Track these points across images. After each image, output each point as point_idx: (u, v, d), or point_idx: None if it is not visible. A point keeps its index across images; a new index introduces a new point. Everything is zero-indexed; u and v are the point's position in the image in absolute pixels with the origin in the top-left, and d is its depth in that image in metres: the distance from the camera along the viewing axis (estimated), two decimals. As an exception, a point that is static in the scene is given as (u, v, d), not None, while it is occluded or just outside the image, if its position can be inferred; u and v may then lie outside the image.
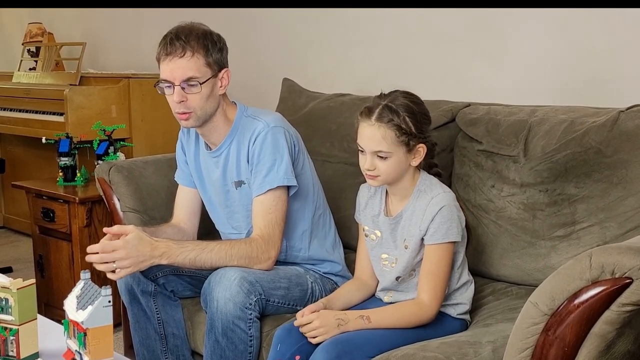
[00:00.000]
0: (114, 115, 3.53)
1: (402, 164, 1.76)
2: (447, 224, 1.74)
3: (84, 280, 1.55)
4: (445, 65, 2.81)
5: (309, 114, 2.69)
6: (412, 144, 1.74)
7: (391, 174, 1.77)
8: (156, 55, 1.96)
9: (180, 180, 2.20)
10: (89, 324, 1.45)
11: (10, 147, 4.41)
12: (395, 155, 1.74)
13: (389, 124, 1.73)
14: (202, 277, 2.09)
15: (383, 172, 1.76)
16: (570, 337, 1.31)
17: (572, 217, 1.98)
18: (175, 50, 1.90)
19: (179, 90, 1.92)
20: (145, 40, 4.12)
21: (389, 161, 1.75)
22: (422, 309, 1.74)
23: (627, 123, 1.95)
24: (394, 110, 1.73)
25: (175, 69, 1.91)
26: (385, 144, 1.73)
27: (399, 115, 1.73)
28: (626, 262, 1.26)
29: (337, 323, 1.71)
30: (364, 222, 1.93)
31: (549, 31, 2.51)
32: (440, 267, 1.75)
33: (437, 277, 1.75)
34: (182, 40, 1.90)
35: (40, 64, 4.20)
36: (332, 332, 1.70)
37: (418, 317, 1.74)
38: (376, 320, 1.73)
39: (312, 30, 3.24)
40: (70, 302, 1.53)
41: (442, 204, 1.75)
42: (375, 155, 1.75)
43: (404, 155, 1.75)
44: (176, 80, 1.91)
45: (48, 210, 3.01)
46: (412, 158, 1.77)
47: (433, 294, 1.74)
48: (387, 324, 1.73)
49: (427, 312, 1.74)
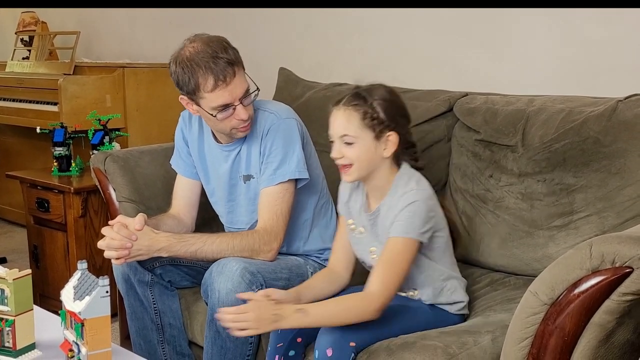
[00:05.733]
0: (108, 105, 3.51)
1: (372, 152, 1.68)
2: (410, 219, 1.64)
3: (81, 270, 1.54)
4: (442, 55, 2.80)
5: (305, 103, 2.68)
6: (379, 129, 1.67)
7: (363, 163, 1.69)
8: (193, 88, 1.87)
9: (180, 170, 2.19)
10: (87, 314, 1.45)
11: (4, 137, 4.38)
12: (361, 140, 1.67)
13: (354, 107, 1.67)
14: (199, 268, 2.09)
15: (354, 160, 1.68)
16: (570, 326, 1.31)
17: (571, 206, 1.98)
18: (229, 73, 1.86)
19: (241, 107, 1.90)
20: (140, 29, 4.10)
21: (356, 147, 1.67)
22: (366, 299, 1.62)
23: (626, 112, 1.95)
24: (362, 96, 1.69)
25: (234, 89, 1.88)
26: (351, 127, 1.66)
27: (366, 100, 1.68)
28: (626, 252, 1.26)
29: (273, 319, 1.58)
30: (348, 215, 1.86)
31: (547, 21, 2.50)
32: (396, 260, 1.63)
33: (391, 270, 1.63)
34: (225, 60, 1.86)
35: (33, 53, 4.17)
36: (265, 327, 1.59)
37: (362, 309, 1.60)
38: (315, 313, 1.60)
39: (309, 19, 3.22)
40: (67, 293, 1.52)
41: (411, 200, 1.65)
42: (342, 142, 1.68)
43: (372, 143, 1.67)
44: (236, 100, 1.89)
45: (43, 201, 3.00)
46: (383, 148, 1.69)
47: (383, 286, 1.61)
48: (327, 317, 1.61)
49: (372, 304, 1.60)
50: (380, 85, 1.74)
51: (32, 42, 4.27)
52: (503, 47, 2.64)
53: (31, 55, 4.19)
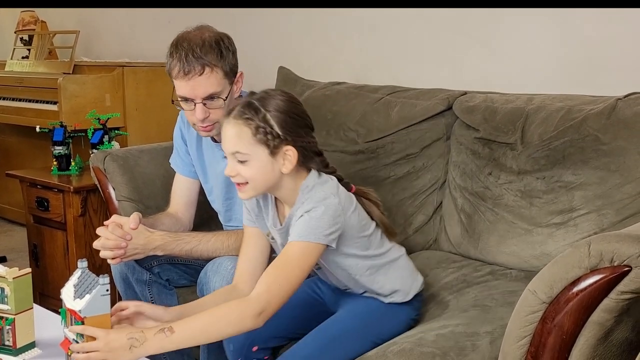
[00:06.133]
0: (108, 104, 3.50)
1: (268, 170, 1.53)
2: (307, 223, 1.50)
3: (81, 269, 1.54)
4: (441, 54, 2.80)
5: (304, 102, 2.61)
6: (274, 145, 1.51)
7: (258, 182, 1.54)
8: (167, 69, 1.87)
9: (178, 169, 2.19)
10: (87, 312, 1.44)
11: (4, 136, 4.38)
12: (255, 158, 1.52)
13: (245, 121, 1.51)
14: (197, 266, 2.09)
15: (248, 179, 1.54)
16: (569, 325, 1.31)
17: (570, 204, 1.98)
18: (194, 69, 1.81)
19: (201, 107, 1.85)
20: (140, 29, 4.10)
21: (249, 166, 1.52)
22: (242, 304, 1.45)
23: (625, 110, 1.95)
24: (254, 107, 1.52)
25: (196, 87, 1.83)
26: (242, 144, 1.51)
27: (258, 112, 1.51)
28: (625, 250, 1.26)
29: (130, 344, 1.38)
30: (263, 228, 1.70)
31: (546, 20, 2.50)
32: (288, 265, 1.49)
33: (279, 274, 1.48)
34: (199, 56, 1.81)
35: (33, 53, 4.16)
36: (124, 357, 1.37)
37: (237, 316, 1.43)
38: (183, 329, 1.40)
39: (308, 18, 3.22)
40: (68, 291, 1.52)
41: (309, 207, 1.52)
42: (235, 159, 1.54)
43: (268, 159, 1.52)
44: (197, 98, 1.84)
45: (42, 200, 3.00)
46: (280, 164, 1.53)
47: (265, 287, 1.46)
48: (197, 331, 1.42)
49: (249, 308, 1.43)
50: (276, 93, 1.58)
51: (31, 41, 4.27)
52: (502, 46, 2.63)
53: (31, 54, 4.19)
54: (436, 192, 2.33)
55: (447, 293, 1.93)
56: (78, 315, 1.45)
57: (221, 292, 1.70)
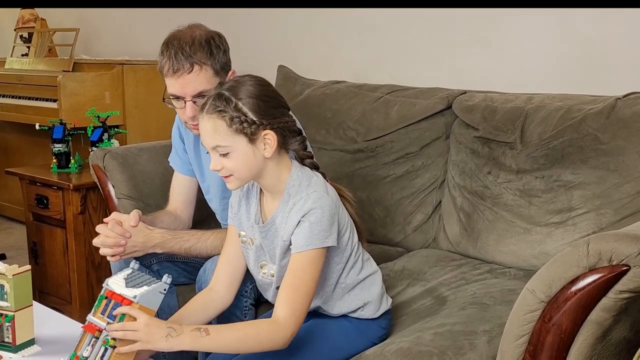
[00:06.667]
0: (107, 102, 3.51)
1: (251, 158, 1.51)
2: (309, 230, 1.49)
3: (132, 268, 1.57)
4: (441, 53, 2.80)
5: (304, 101, 2.68)
6: (251, 132, 1.49)
7: (243, 172, 1.53)
8: (159, 67, 1.87)
9: (177, 167, 2.19)
10: (142, 301, 1.45)
11: (3, 133, 4.38)
12: (236, 148, 1.50)
13: (219, 114, 1.49)
14: (197, 264, 2.08)
15: (233, 171, 1.53)
16: (567, 324, 1.31)
17: (568, 203, 1.98)
18: (183, 67, 1.81)
19: (191, 105, 1.85)
20: (139, 27, 4.10)
21: (232, 157, 1.51)
22: (273, 327, 1.47)
23: (624, 110, 1.95)
24: (225, 98, 1.50)
25: (185, 85, 1.83)
26: (220, 137, 1.49)
27: (229, 102, 1.49)
28: (623, 249, 1.26)
29: (167, 332, 1.42)
30: (239, 227, 1.68)
31: (545, 19, 2.50)
32: (301, 280, 1.49)
33: (297, 292, 1.48)
34: (188, 54, 1.81)
35: (33, 50, 4.16)
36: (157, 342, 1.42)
37: (271, 337, 1.46)
38: (217, 334, 1.45)
39: (308, 17, 3.22)
40: (117, 281, 1.52)
41: (305, 211, 1.50)
42: (217, 153, 1.52)
43: (248, 147, 1.50)
44: (187, 96, 1.84)
45: (42, 197, 3.00)
46: (262, 149, 1.51)
47: (290, 311, 1.47)
48: (231, 340, 1.47)
49: (280, 332, 1.46)
50: (245, 79, 1.55)
51: (31, 39, 4.27)
52: (501, 46, 2.64)
53: (30, 52, 4.19)
54: (435, 191, 2.33)
55: (446, 289, 1.93)
56: (128, 300, 1.46)
57: (198, 300, 1.69)
